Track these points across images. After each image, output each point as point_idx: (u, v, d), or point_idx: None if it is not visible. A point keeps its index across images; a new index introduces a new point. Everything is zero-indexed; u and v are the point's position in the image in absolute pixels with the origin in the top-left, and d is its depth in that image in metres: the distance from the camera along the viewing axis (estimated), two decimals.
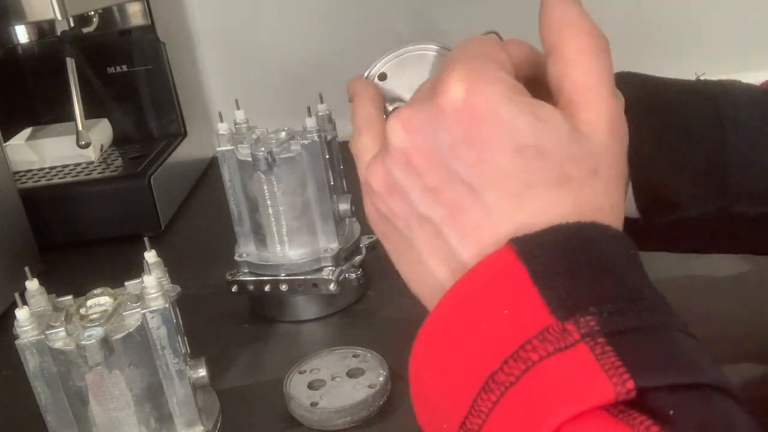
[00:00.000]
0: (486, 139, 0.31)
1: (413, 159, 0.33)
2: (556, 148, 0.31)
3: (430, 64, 0.41)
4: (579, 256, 0.30)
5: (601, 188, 0.32)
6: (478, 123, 0.31)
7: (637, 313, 0.28)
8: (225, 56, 1.27)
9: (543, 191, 0.31)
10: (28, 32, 1.00)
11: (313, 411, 0.54)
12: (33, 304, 0.51)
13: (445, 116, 0.31)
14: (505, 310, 0.28)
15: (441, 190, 0.32)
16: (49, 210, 0.91)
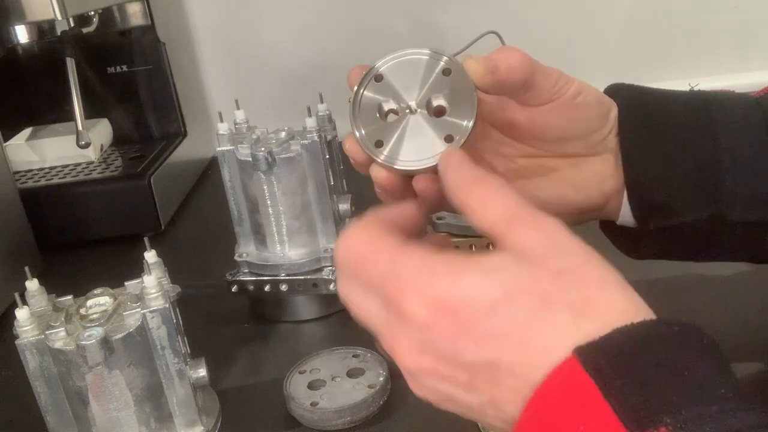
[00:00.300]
0: (467, 318, 0.31)
1: (433, 373, 0.34)
2: (518, 280, 0.32)
3: (423, 67, 0.42)
4: (646, 359, 0.29)
5: (582, 287, 0.31)
6: (450, 314, 0.32)
7: (716, 416, 0.27)
8: (225, 56, 1.27)
9: (545, 322, 0.31)
10: (28, 32, 1.00)
11: (313, 411, 0.54)
12: (33, 304, 0.51)
13: (428, 330, 0.32)
14: (581, 427, 0.28)
15: (472, 381, 0.33)
16: (49, 210, 0.91)
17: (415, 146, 0.41)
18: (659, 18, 1.22)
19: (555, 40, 1.21)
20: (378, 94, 0.43)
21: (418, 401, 0.37)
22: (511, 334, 0.31)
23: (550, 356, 0.30)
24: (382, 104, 0.43)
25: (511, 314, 0.31)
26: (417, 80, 0.42)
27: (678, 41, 1.23)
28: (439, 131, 0.41)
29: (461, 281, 0.32)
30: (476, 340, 0.32)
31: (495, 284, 0.31)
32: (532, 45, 0.75)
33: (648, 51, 1.24)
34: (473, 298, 0.31)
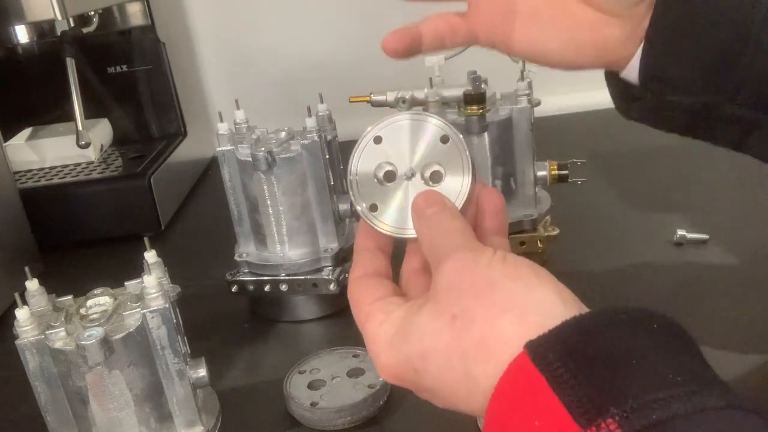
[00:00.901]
0: (409, 381, 0.37)
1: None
2: (426, 340, 0.35)
3: (424, 132, 0.43)
4: (594, 349, 0.30)
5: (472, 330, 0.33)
6: (397, 379, 0.37)
7: (664, 402, 0.27)
8: (225, 56, 1.27)
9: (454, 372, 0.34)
10: (28, 32, 1.00)
11: (313, 411, 0.54)
12: (33, 304, 0.51)
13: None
14: (536, 422, 0.29)
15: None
16: (49, 210, 0.91)
17: (409, 215, 0.42)
18: None
19: None
20: (377, 156, 0.44)
21: (418, 401, 0.37)
22: (440, 388, 0.35)
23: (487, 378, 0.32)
24: (380, 167, 0.43)
25: (431, 373, 0.35)
26: (417, 144, 0.42)
27: None
28: None
29: (391, 352, 0.37)
30: (429, 393, 0.36)
31: (412, 348, 0.35)
32: None
33: None
34: (403, 364, 0.36)
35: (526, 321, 0.32)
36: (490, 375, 0.32)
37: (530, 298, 0.33)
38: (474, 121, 0.67)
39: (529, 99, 0.68)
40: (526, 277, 0.34)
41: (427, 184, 0.42)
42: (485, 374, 0.32)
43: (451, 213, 0.39)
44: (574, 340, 0.30)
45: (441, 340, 0.34)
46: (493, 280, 0.34)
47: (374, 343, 0.38)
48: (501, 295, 0.33)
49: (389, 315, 0.38)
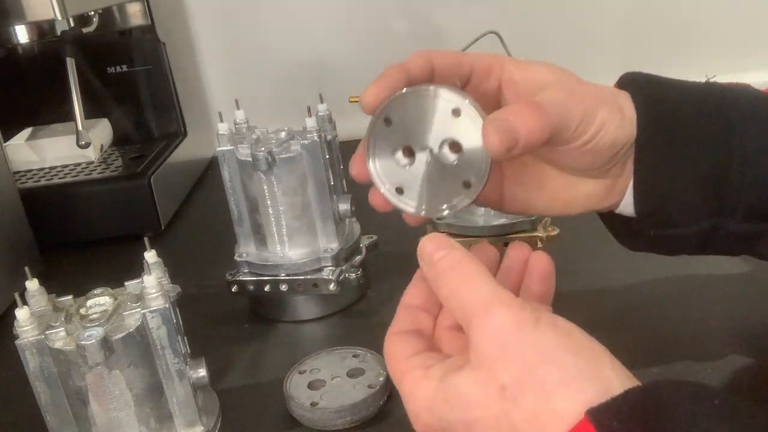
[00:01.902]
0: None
1: None
2: (470, 410, 0.33)
3: (434, 106, 0.41)
4: (658, 421, 0.29)
5: (520, 405, 0.32)
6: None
7: None
8: (225, 56, 1.27)
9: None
10: (28, 32, 1.00)
11: (313, 411, 0.54)
12: (33, 304, 0.51)
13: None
14: None
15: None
16: (49, 210, 0.91)
17: (435, 192, 0.41)
18: (660, 19, 1.22)
19: (555, 40, 1.21)
20: (391, 138, 0.42)
21: None
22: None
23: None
24: (397, 148, 0.42)
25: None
26: (427, 120, 0.41)
27: (678, 41, 1.23)
28: (456, 177, 0.41)
29: (433, 415, 0.35)
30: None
31: (457, 415, 0.34)
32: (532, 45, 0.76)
33: (648, 51, 1.24)
34: (449, 429, 0.34)
35: (583, 397, 0.31)
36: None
37: (587, 373, 0.32)
38: None
39: None
40: (580, 349, 0.32)
41: (446, 158, 0.41)
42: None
43: (465, 260, 0.37)
44: (638, 410, 0.29)
45: (489, 411, 0.32)
46: (546, 348, 0.32)
47: (413, 402, 0.36)
48: (556, 367, 0.32)
49: (428, 371, 0.36)
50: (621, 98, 0.45)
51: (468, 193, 0.41)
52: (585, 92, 0.44)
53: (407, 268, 0.42)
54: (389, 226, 0.51)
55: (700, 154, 0.45)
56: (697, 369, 0.55)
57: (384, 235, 0.74)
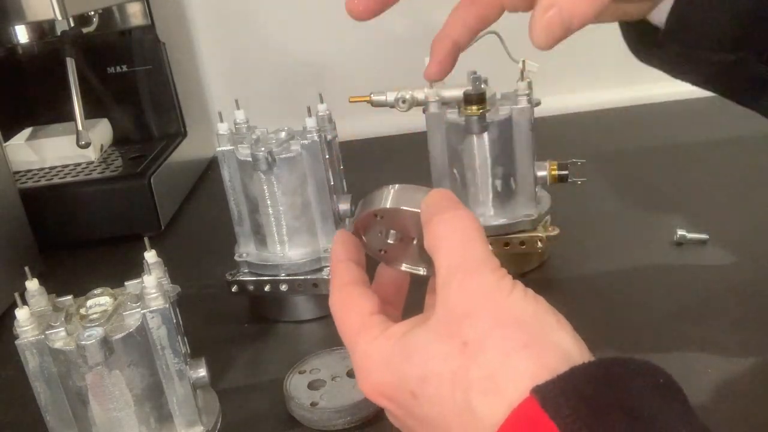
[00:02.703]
0: (402, 404, 0.35)
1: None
2: (430, 362, 0.33)
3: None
4: (606, 401, 0.29)
5: (483, 360, 0.32)
6: (389, 400, 0.36)
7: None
8: (225, 56, 1.27)
9: (455, 403, 0.32)
10: (28, 32, 1.00)
11: (313, 411, 0.54)
12: (33, 304, 0.51)
13: (383, 405, 0.37)
14: None
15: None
16: (49, 210, 0.91)
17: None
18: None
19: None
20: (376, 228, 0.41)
21: None
22: (432, 418, 0.33)
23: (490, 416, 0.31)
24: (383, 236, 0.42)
25: (428, 399, 0.33)
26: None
27: None
28: None
29: (387, 370, 0.35)
30: (416, 421, 0.35)
31: (413, 369, 0.34)
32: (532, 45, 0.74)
33: None
34: (398, 386, 0.35)
35: (542, 361, 0.31)
36: (492, 412, 0.30)
37: (549, 339, 0.32)
38: (474, 121, 0.67)
39: (529, 99, 0.68)
40: (547, 317, 0.33)
41: None
42: (488, 410, 0.31)
43: (467, 213, 0.37)
44: (587, 389, 0.29)
45: (447, 366, 0.32)
46: (513, 312, 0.32)
47: (366, 359, 0.36)
48: (520, 330, 0.32)
49: (384, 330, 0.36)
50: None
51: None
52: None
53: None
54: None
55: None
56: (696, 368, 0.55)
57: None
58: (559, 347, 0.32)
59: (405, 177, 0.43)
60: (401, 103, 0.74)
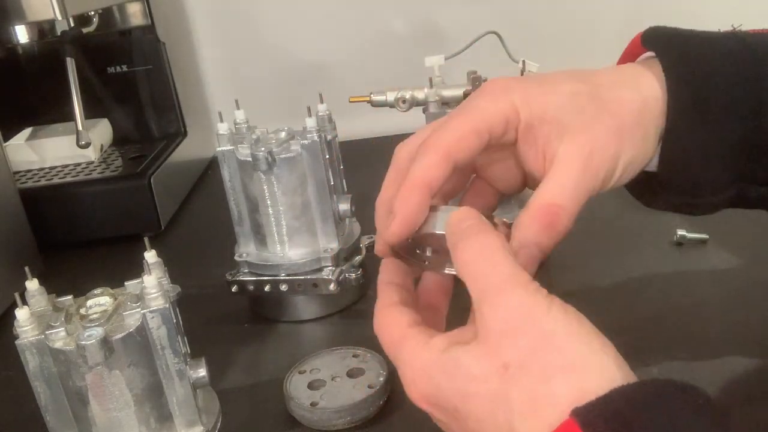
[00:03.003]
0: (449, 414, 0.35)
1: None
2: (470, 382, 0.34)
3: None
4: (643, 421, 0.29)
5: (525, 384, 0.32)
6: (437, 409, 0.36)
7: None
8: (225, 56, 1.27)
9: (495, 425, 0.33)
10: (28, 32, 1.00)
11: (313, 411, 0.54)
12: (33, 304, 0.51)
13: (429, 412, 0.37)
14: None
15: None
16: (49, 210, 0.91)
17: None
18: (660, 19, 1.22)
19: (555, 40, 1.21)
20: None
21: None
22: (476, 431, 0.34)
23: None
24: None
25: (471, 416, 0.33)
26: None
27: None
28: None
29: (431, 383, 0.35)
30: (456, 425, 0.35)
31: (454, 387, 0.34)
32: (532, 45, 0.75)
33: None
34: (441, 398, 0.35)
35: (583, 385, 0.30)
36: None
37: (591, 361, 0.31)
38: None
39: None
40: (588, 338, 0.32)
41: None
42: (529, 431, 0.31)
43: (490, 231, 0.37)
44: (626, 411, 0.29)
45: (488, 386, 0.32)
46: (553, 332, 0.32)
47: (411, 369, 0.36)
48: (560, 352, 0.32)
49: (429, 340, 0.36)
50: (646, 75, 0.44)
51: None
52: (605, 138, 0.42)
53: None
54: None
55: (731, 123, 0.43)
56: (696, 368, 0.55)
57: None
58: (601, 369, 0.31)
59: None
60: (401, 103, 0.74)
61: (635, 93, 0.43)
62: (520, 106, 0.42)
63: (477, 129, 0.41)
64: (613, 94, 0.43)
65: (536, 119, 0.42)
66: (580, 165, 0.41)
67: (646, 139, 0.43)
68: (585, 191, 0.41)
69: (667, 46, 0.45)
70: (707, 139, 0.43)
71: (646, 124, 0.43)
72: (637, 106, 0.43)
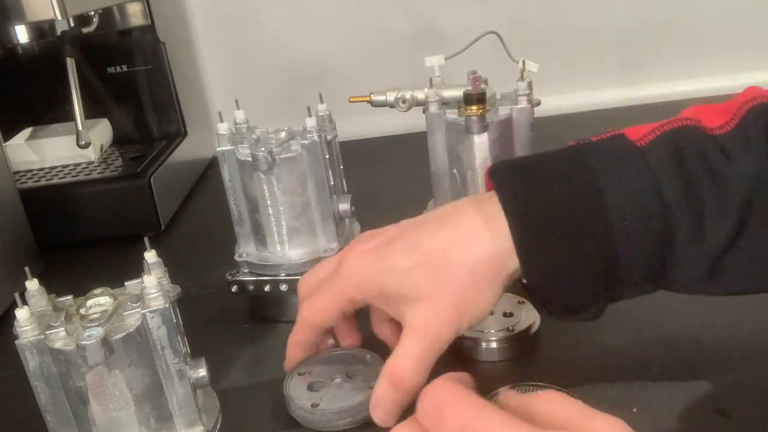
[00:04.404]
0: None
1: None
2: None
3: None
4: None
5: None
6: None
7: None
8: (225, 56, 1.27)
9: None
10: (28, 32, 1.00)
11: (313, 412, 0.54)
12: (33, 304, 0.51)
13: None
14: None
15: None
16: (49, 210, 0.91)
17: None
18: (659, 17, 1.22)
19: (555, 40, 1.21)
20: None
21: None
22: None
23: None
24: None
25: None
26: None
27: (678, 41, 1.23)
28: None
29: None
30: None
31: None
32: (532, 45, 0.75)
33: (647, 51, 1.24)
34: None
35: None
36: None
37: None
38: (474, 121, 0.67)
39: (529, 99, 0.68)
40: None
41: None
42: None
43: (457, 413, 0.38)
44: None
45: None
46: None
47: None
48: None
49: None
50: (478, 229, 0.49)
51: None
52: (445, 308, 0.49)
53: None
54: None
55: (583, 246, 0.47)
56: (697, 368, 0.55)
57: None
58: None
59: (405, 176, 0.43)
60: (401, 103, 0.74)
61: (466, 254, 0.48)
62: (365, 288, 0.52)
63: (327, 309, 0.54)
64: (444, 260, 0.49)
65: (380, 295, 0.51)
66: (422, 335, 0.49)
67: (493, 287, 0.49)
68: (431, 355, 0.49)
69: (505, 184, 0.49)
70: (565, 266, 0.47)
71: (488, 279, 0.48)
72: (470, 267, 0.48)
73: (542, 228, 0.47)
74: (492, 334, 0.59)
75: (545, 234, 0.47)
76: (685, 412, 0.51)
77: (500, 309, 0.62)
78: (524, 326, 0.60)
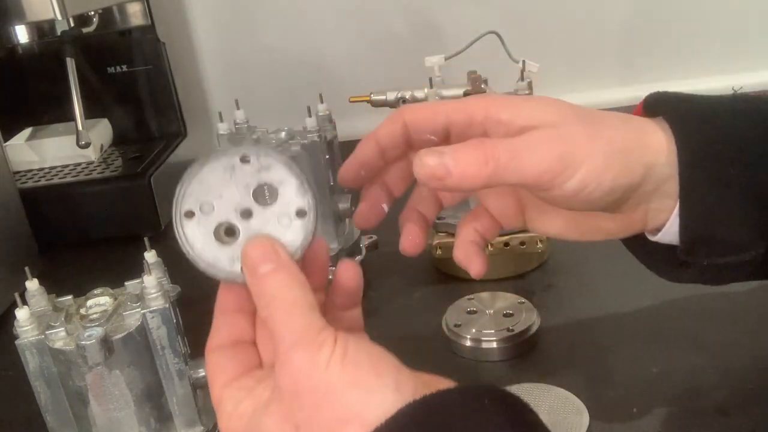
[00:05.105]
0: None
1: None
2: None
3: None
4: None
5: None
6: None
7: None
8: (225, 56, 1.27)
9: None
10: (28, 32, 1.00)
11: None
12: (33, 304, 0.51)
13: None
14: None
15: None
16: (49, 210, 0.91)
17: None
18: (659, 17, 1.22)
19: (555, 40, 1.21)
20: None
21: None
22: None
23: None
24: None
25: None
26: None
27: (679, 41, 1.23)
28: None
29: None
30: None
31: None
32: (532, 45, 0.75)
33: (648, 50, 1.24)
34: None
35: (366, 430, 0.32)
36: None
37: (370, 405, 0.32)
38: None
39: None
40: (365, 380, 0.33)
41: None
42: None
43: (289, 276, 0.36)
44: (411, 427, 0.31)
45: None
46: (331, 386, 0.33)
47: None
48: (340, 405, 0.33)
49: (237, 406, 0.37)
50: (646, 133, 0.42)
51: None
52: (579, 141, 0.40)
53: (407, 268, 0.42)
54: (389, 226, 0.51)
55: (750, 173, 0.42)
56: (696, 367, 0.55)
57: (384, 235, 0.74)
58: (382, 408, 0.32)
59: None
60: (401, 103, 0.74)
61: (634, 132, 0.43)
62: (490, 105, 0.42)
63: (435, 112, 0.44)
64: (607, 122, 0.42)
65: (507, 114, 0.42)
66: (546, 141, 0.40)
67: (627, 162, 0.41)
68: (530, 166, 0.40)
69: (672, 105, 0.44)
70: (728, 190, 0.42)
71: (642, 143, 0.42)
72: (631, 134, 0.42)
73: (710, 148, 0.42)
74: (492, 334, 0.59)
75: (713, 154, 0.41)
76: (685, 412, 0.51)
77: (500, 309, 0.62)
78: (524, 326, 0.60)
